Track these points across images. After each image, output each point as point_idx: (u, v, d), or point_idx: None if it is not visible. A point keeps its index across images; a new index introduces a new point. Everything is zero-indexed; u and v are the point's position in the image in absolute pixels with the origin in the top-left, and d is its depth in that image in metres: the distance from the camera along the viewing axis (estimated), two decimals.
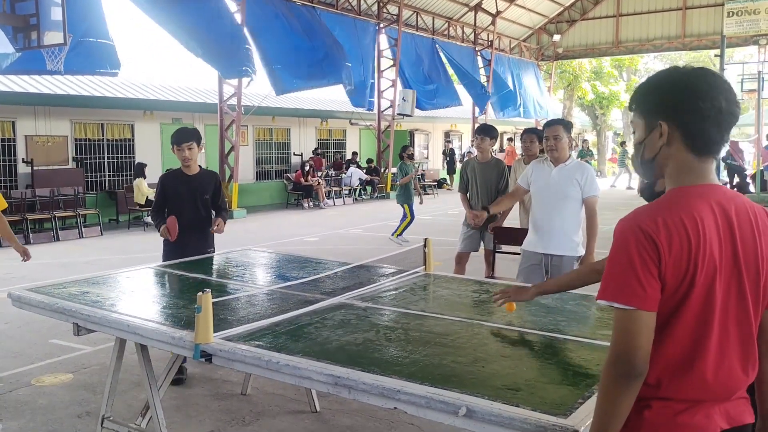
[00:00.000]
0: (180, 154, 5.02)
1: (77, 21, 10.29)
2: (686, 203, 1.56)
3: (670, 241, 1.50)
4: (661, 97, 1.62)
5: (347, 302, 3.40)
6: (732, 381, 1.61)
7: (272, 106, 17.78)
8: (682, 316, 1.55)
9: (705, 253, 1.53)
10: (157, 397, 3.39)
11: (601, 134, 35.13)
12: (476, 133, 6.47)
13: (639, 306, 1.51)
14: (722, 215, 1.58)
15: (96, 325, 3.26)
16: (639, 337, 1.51)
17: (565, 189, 4.62)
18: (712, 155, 1.62)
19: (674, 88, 1.60)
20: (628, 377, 1.52)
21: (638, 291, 1.51)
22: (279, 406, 4.35)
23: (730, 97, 1.58)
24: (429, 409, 2.11)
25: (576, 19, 27.63)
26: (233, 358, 2.64)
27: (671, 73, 1.64)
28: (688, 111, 1.58)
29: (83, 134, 14.67)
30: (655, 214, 1.54)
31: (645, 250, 1.51)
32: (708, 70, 1.62)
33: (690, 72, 1.61)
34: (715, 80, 1.59)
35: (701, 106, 1.56)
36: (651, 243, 1.51)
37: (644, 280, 1.51)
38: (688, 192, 1.59)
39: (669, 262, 1.51)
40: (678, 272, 1.52)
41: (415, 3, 21.25)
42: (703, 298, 1.55)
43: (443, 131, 27.18)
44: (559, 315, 3.16)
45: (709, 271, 1.54)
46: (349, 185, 19.83)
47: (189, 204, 5.00)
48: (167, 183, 5.09)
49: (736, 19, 23.51)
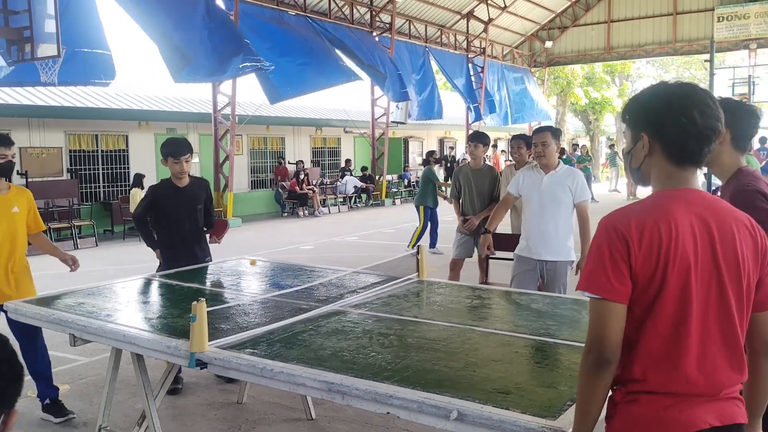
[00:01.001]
0: (176, 167, 4.84)
1: (73, 31, 10.31)
2: (662, 204, 1.69)
3: (640, 239, 1.62)
4: (643, 111, 1.76)
5: (341, 309, 3.44)
6: (718, 376, 1.66)
7: (266, 115, 17.84)
8: (659, 311, 1.65)
9: (677, 251, 1.63)
10: (153, 406, 3.41)
11: (594, 139, 35.26)
12: (469, 140, 6.53)
13: (607, 297, 1.64)
14: (699, 217, 1.67)
15: (92, 336, 3.28)
16: (608, 325, 1.63)
17: (556, 195, 4.67)
18: (692, 164, 1.73)
19: (653, 103, 1.74)
20: (599, 365, 1.64)
21: (606, 283, 1.64)
22: (275, 414, 4.37)
23: (707, 111, 1.67)
24: (421, 414, 2.15)
25: (567, 26, 27.78)
26: (228, 366, 2.67)
27: (654, 88, 1.77)
28: (664, 124, 1.71)
29: (78, 145, 14.69)
30: (629, 214, 1.68)
31: (615, 246, 1.64)
32: (688, 86, 1.73)
33: (669, 88, 1.73)
34: (691, 96, 1.69)
35: (674, 120, 1.68)
36: (622, 240, 1.64)
37: (612, 274, 1.63)
38: (665, 195, 1.72)
39: (639, 257, 1.62)
40: (648, 268, 1.63)
41: (407, 11, 21.36)
42: (678, 295, 1.64)
43: (437, 138, 27.27)
44: (550, 319, 3.20)
45: (682, 269, 1.63)
46: (344, 193, 19.87)
47: (185, 216, 4.90)
48: (160, 195, 4.92)
49: (726, 24, 23.71)
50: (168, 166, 4.89)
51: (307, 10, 17.47)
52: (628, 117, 1.80)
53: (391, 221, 16.04)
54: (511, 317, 3.49)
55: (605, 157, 35.56)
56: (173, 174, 4.91)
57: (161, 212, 4.91)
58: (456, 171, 6.77)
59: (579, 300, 3.60)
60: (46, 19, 8.64)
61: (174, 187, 4.94)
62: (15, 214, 4.22)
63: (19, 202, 4.26)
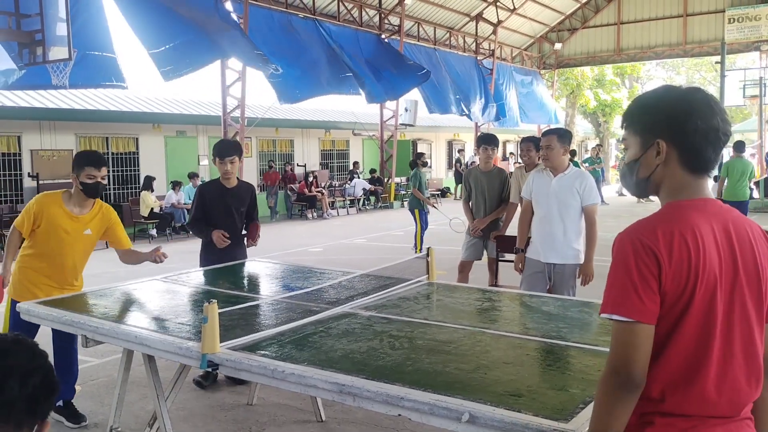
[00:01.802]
0: (222, 167, 5.05)
1: (82, 35, 10.38)
2: (684, 216, 1.57)
3: (670, 253, 1.51)
4: (658, 116, 1.63)
5: (351, 311, 3.44)
6: (737, 396, 1.59)
7: (275, 118, 17.90)
8: (684, 328, 1.55)
9: (705, 264, 1.53)
10: (164, 407, 3.42)
11: (604, 142, 35.14)
12: (480, 142, 6.50)
13: (638, 318, 1.51)
14: (720, 228, 1.59)
15: (104, 337, 3.30)
16: (638, 349, 1.51)
17: (565, 198, 4.67)
18: (705, 172, 1.64)
19: (672, 108, 1.61)
20: (627, 389, 1.52)
21: (637, 304, 1.51)
22: (285, 415, 4.38)
23: (725, 117, 1.61)
24: (432, 416, 2.15)
25: (577, 28, 27.72)
26: (240, 368, 2.68)
27: (668, 91, 1.66)
28: (687, 131, 1.59)
29: (88, 148, 14.76)
30: (654, 226, 1.55)
31: (644, 262, 1.51)
32: (702, 90, 1.64)
33: (686, 92, 1.63)
34: (711, 100, 1.61)
35: (699, 126, 1.58)
36: (651, 255, 1.51)
37: (643, 293, 1.51)
38: (684, 205, 1.60)
39: (669, 273, 1.51)
40: (679, 284, 1.52)
41: (416, 14, 21.37)
42: (705, 310, 1.54)
43: (446, 140, 27.26)
44: (560, 322, 3.19)
45: (709, 283, 1.54)
46: (353, 195, 19.89)
47: (227, 216, 5.07)
48: (207, 194, 5.13)
49: (737, 26, 23.58)
50: (216, 166, 5.12)
51: (316, 12, 17.52)
52: (637, 122, 1.66)
53: (400, 224, 16.03)
54: (521, 319, 3.49)
55: (615, 159, 35.47)
56: (221, 174, 5.12)
57: (207, 211, 5.11)
58: (466, 173, 6.75)
59: (589, 302, 3.59)
60: (58, 23, 8.72)
61: (222, 187, 5.14)
62: (87, 236, 4.22)
63: (93, 223, 4.25)
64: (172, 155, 16.45)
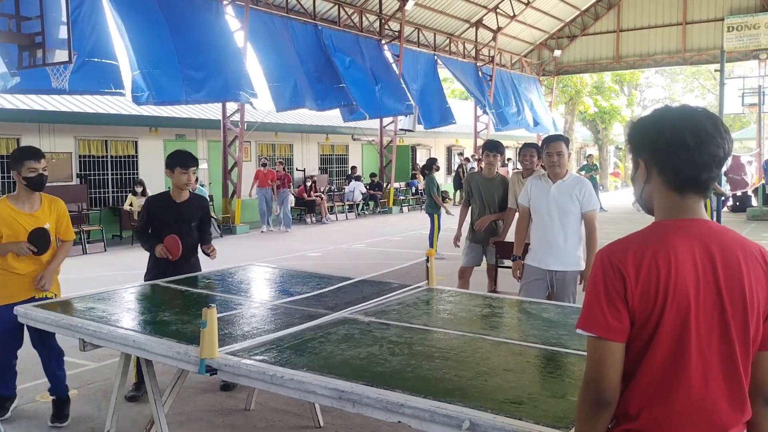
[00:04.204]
0: (183, 177, 4.76)
1: (83, 40, 10.41)
2: (661, 236, 1.60)
3: (638, 273, 1.54)
4: (638, 136, 1.70)
5: (351, 317, 3.42)
6: (718, 417, 1.58)
7: (275, 122, 17.89)
8: (655, 348, 1.56)
9: (676, 286, 1.54)
10: (161, 412, 3.40)
11: (603, 149, 35.20)
12: (486, 149, 6.47)
13: (604, 335, 1.55)
14: (702, 251, 1.58)
15: (101, 341, 3.28)
16: (606, 365, 1.56)
17: (565, 205, 4.65)
18: (692, 191, 1.63)
19: (647, 127, 1.67)
20: (596, 404, 1.57)
21: (602, 321, 1.56)
22: (282, 421, 4.36)
23: (701, 135, 1.59)
24: (433, 423, 2.13)
25: (576, 35, 27.79)
26: (238, 373, 2.66)
27: (653, 112, 1.71)
28: (658, 148, 1.63)
29: (87, 151, 14.77)
30: (626, 246, 1.59)
31: (611, 281, 1.56)
32: (686, 110, 1.65)
33: (665, 111, 1.67)
34: (685, 119, 1.62)
35: (666, 144, 1.61)
36: (618, 274, 1.55)
37: (608, 311, 1.55)
38: (665, 225, 1.63)
39: (636, 293, 1.54)
40: (647, 304, 1.54)
41: (416, 20, 21.42)
42: (677, 332, 1.55)
43: (445, 146, 27.28)
44: (561, 329, 3.18)
45: (681, 305, 1.54)
46: (351, 200, 19.89)
47: (174, 231, 4.71)
48: (153, 208, 4.84)
49: (736, 34, 23.65)
50: (174, 176, 4.80)
51: (316, 18, 17.55)
52: (629, 143, 1.74)
53: (399, 229, 16.03)
54: (521, 326, 3.47)
55: (614, 166, 35.53)
56: (179, 185, 4.80)
57: (154, 225, 4.82)
58: (467, 178, 6.74)
59: None
60: (58, 26, 8.71)
61: (171, 201, 4.83)
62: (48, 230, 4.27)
63: (50, 217, 4.29)
64: None
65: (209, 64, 13.45)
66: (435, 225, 11.13)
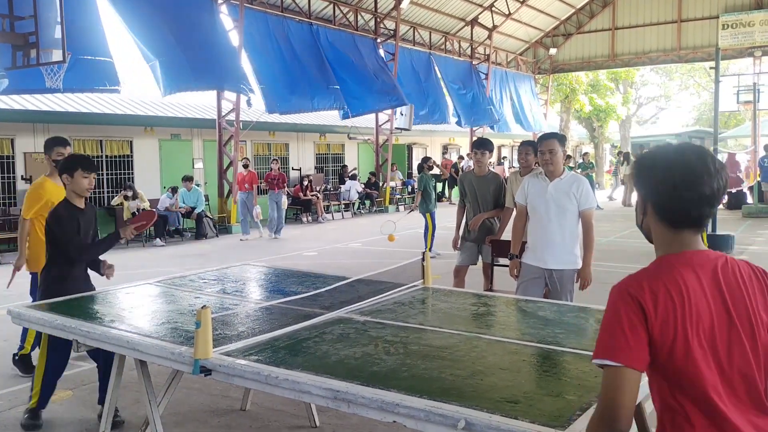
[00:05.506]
0: (85, 182, 4.28)
1: (76, 39, 10.35)
2: (670, 269, 1.65)
3: (656, 306, 1.59)
4: (636, 173, 1.78)
5: (346, 316, 3.41)
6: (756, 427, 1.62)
7: (270, 122, 17.85)
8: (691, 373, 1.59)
9: (692, 314, 1.60)
10: (156, 413, 3.39)
11: (599, 147, 35.21)
12: (475, 147, 6.48)
13: (625, 362, 1.57)
14: (708, 278, 1.65)
15: (96, 342, 3.27)
16: (623, 394, 1.56)
17: (562, 203, 4.65)
18: (685, 227, 1.70)
19: (643, 166, 1.76)
20: None
21: (625, 349, 1.57)
22: (278, 421, 4.34)
23: (688, 175, 1.65)
24: (428, 423, 2.12)
25: (572, 33, 27.80)
26: (232, 373, 2.65)
27: (649, 151, 1.79)
28: (650, 187, 1.73)
29: (82, 150, 14.69)
30: (640, 280, 1.65)
31: (633, 312, 1.60)
32: (678, 148, 1.72)
33: (659, 150, 1.75)
34: (676, 158, 1.68)
35: (657, 183, 1.71)
36: (638, 306, 1.60)
37: (631, 339, 1.58)
38: (671, 261, 1.68)
39: (656, 323, 1.59)
40: (666, 335, 1.59)
41: (412, 18, 21.40)
42: (704, 356, 1.60)
43: (441, 144, 27.27)
44: (557, 327, 3.17)
45: (703, 331, 1.60)
46: (348, 199, 19.87)
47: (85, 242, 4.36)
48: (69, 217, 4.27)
49: (731, 32, 23.70)
50: (73, 181, 4.26)
51: (312, 17, 17.52)
52: (633, 176, 1.84)
53: (396, 228, 16.00)
54: (517, 325, 3.46)
55: (609, 164, 35.55)
56: (80, 190, 4.30)
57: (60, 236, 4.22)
58: (461, 178, 6.74)
59: (585, 308, 3.58)
60: (52, 25, 8.67)
61: (75, 207, 4.32)
62: None
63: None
64: (167, 158, 16.39)
65: (209, 58, 13.59)
66: (429, 224, 11.09)
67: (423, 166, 11.87)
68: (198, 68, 13.28)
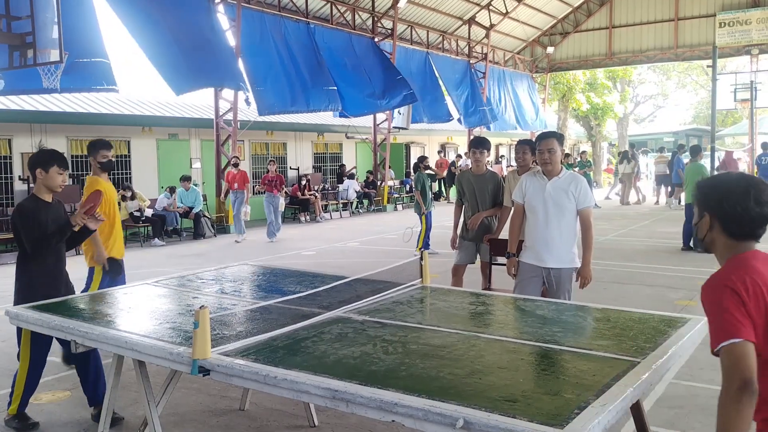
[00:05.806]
0: (59, 178, 4.24)
1: (73, 40, 10.32)
2: (748, 264, 2.05)
3: (747, 290, 1.97)
4: (705, 196, 2.16)
5: (344, 316, 3.41)
6: None
7: (268, 121, 17.82)
8: None
9: None
10: (155, 413, 3.38)
11: (597, 145, 35.23)
12: (473, 146, 6.48)
13: (745, 337, 1.91)
14: None
15: (94, 342, 3.26)
16: (750, 360, 1.90)
17: (560, 201, 4.65)
18: (751, 239, 2.12)
19: (716, 190, 2.14)
20: (751, 394, 1.88)
21: (739, 326, 1.92)
22: (277, 421, 4.34)
23: (762, 199, 2.06)
24: (427, 422, 2.12)
25: (569, 32, 27.82)
26: (231, 373, 2.65)
27: (717, 178, 2.21)
28: (721, 209, 2.11)
29: (80, 151, 14.67)
30: (728, 273, 2.03)
31: (734, 299, 1.96)
32: (747, 178, 2.12)
33: (730, 178, 2.15)
34: (749, 187, 2.07)
35: (732, 206, 2.08)
36: (736, 294, 1.96)
37: (741, 318, 1.94)
38: (741, 258, 2.09)
39: (751, 306, 1.95)
40: (759, 314, 1.95)
41: (409, 17, 21.39)
42: None
43: (439, 143, 27.27)
44: (555, 326, 3.18)
45: None
46: (345, 199, 19.86)
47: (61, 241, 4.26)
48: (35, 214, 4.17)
49: (728, 30, 23.73)
50: (48, 175, 4.21)
51: (309, 16, 17.50)
52: (696, 196, 2.19)
53: (393, 227, 16.01)
54: (515, 324, 3.47)
55: (607, 162, 35.58)
56: (53, 186, 4.24)
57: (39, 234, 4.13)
58: (458, 176, 6.74)
59: (583, 306, 3.58)
60: (49, 25, 8.65)
61: (46, 204, 4.25)
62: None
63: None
64: (164, 158, 16.38)
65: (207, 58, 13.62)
66: (423, 224, 11.10)
67: (419, 165, 11.91)
68: (195, 68, 13.26)
